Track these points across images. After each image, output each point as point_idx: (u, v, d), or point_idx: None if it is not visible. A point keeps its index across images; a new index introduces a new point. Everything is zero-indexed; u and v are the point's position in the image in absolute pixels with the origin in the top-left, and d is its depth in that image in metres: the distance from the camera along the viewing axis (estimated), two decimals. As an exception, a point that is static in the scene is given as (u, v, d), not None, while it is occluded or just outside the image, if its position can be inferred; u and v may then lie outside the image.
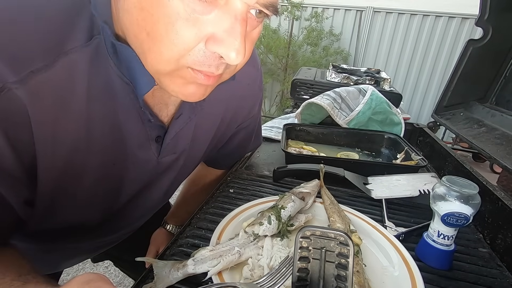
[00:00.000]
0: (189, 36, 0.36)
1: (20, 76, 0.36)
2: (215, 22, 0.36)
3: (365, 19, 3.95)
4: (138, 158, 0.53)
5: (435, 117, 1.26)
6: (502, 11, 1.05)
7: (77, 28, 0.40)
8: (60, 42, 0.39)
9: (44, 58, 0.37)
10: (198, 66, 0.39)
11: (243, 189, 0.75)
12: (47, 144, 0.41)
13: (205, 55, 0.38)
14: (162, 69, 0.40)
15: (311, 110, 1.18)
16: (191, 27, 0.36)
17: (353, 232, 0.57)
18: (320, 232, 0.37)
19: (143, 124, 0.50)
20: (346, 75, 1.53)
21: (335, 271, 0.37)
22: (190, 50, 0.37)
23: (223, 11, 0.36)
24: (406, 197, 0.73)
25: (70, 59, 0.39)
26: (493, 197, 0.66)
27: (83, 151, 0.45)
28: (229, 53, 0.37)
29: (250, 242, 0.53)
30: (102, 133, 0.46)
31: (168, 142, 0.55)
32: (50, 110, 0.39)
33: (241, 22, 0.37)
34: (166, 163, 0.59)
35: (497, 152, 0.89)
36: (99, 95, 0.43)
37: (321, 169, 0.76)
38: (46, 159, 0.42)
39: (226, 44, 0.37)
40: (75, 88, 0.41)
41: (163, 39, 0.36)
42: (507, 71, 1.14)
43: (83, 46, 0.40)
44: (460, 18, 3.67)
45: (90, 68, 0.41)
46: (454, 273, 0.52)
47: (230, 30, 0.36)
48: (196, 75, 0.40)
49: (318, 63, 3.86)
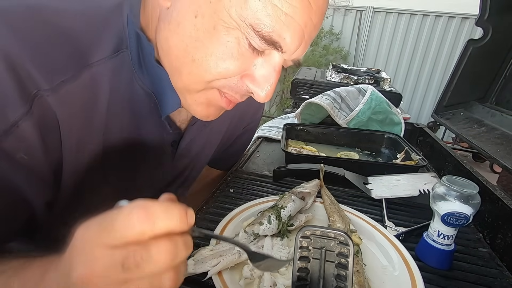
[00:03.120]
0: (234, 70, 0.42)
1: (53, 84, 0.38)
2: (257, 67, 0.43)
3: (365, 19, 3.95)
4: (153, 162, 0.55)
5: (435, 117, 1.26)
6: (502, 11, 1.05)
7: (104, 40, 0.43)
8: (85, 54, 0.41)
9: (72, 69, 0.40)
10: (227, 90, 0.45)
11: (243, 189, 0.75)
12: (72, 151, 0.43)
13: (236, 84, 0.44)
14: (194, 87, 0.44)
15: (311, 110, 1.18)
16: (238, 64, 0.41)
17: (353, 232, 0.57)
18: (320, 232, 0.37)
19: (160, 130, 0.53)
20: (346, 75, 1.53)
21: (335, 271, 0.37)
22: (228, 78, 0.43)
23: (265, 60, 0.43)
24: (406, 197, 0.73)
25: (94, 71, 0.42)
26: (493, 197, 0.66)
27: (101, 156, 0.47)
28: (260, 94, 0.44)
29: (250, 241, 0.53)
30: (119, 139, 0.49)
31: (183, 147, 0.58)
32: (75, 119, 0.42)
33: (277, 73, 0.44)
34: (179, 167, 0.61)
35: (497, 152, 0.89)
36: (119, 104, 0.46)
37: (321, 169, 0.76)
38: (71, 164, 0.44)
39: (261, 86, 0.44)
40: (98, 97, 0.44)
41: (210, 69, 0.41)
42: (507, 71, 1.14)
43: (108, 58, 0.43)
44: (460, 18, 3.66)
45: (113, 80, 0.44)
46: (454, 273, 0.52)
47: (268, 77, 0.44)
48: (220, 99, 0.46)
49: (318, 62, 3.85)
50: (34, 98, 0.37)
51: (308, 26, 0.41)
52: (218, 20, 0.39)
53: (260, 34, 0.39)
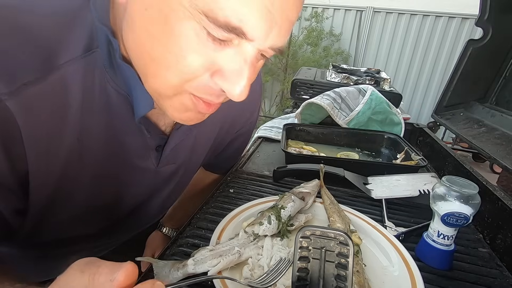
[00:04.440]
0: (198, 67, 0.37)
1: (12, 88, 0.35)
2: (226, 60, 0.37)
3: (365, 19, 3.94)
4: (136, 167, 0.52)
5: (435, 117, 1.26)
6: (502, 11, 1.05)
7: (74, 39, 0.39)
8: (53, 55, 0.38)
9: (37, 71, 0.37)
10: (200, 93, 0.40)
11: (243, 189, 0.75)
12: (40, 160, 0.40)
13: (208, 85, 0.39)
14: (164, 93, 0.40)
15: (311, 110, 1.18)
16: (201, 59, 0.36)
17: (353, 232, 0.57)
18: (320, 232, 0.37)
19: (141, 134, 0.49)
20: (346, 75, 1.53)
21: (335, 271, 0.37)
22: (196, 78, 0.38)
23: (235, 52, 0.37)
24: (406, 197, 0.73)
25: (63, 72, 0.39)
26: (493, 197, 0.66)
27: (76, 164, 0.44)
28: (232, 91, 0.38)
29: (250, 242, 0.53)
30: (96, 145, 0.45)
31: (168, 152, 0.55)
32: (44, 125, 0.39)
33: (250, 65, 0.38)
34: (165, 173, 0.58)
35: (497, 152, 0.89)
36: (94, 107, 0.43)
37: (321, 169, 0.75)
38: (39, 175, 0.41)
39: (232, 83, 0.38)
40: (69, 101, 0.40)
41: (171, 67, 0.37)
42: (507, 71, 1.14)
43: (79, 58, 0.40)
44: (460, 18, 3.66)
45: (85, 81, 0.41)
46: (454, 273, 0.52)
47: (239, 72, 0.38)
48: (197, 103, 0.41)
49: (318, 63, 3.86)
50: None
51: (276, 5, 0.34)
52: (169, 11, 0.34)
53: (215, 21, 0.33)
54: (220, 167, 0.86)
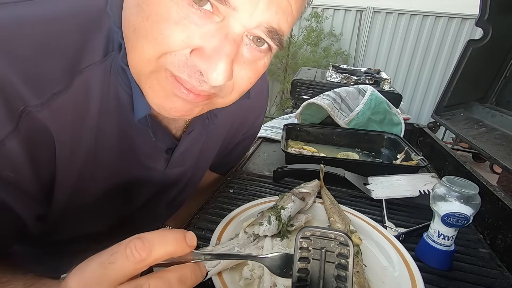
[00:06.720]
0: (175, 39, 0.34)
1: (43, 99, 0.37)
2: (206, 36, 0.34)
3: (365, 19, 3.95)
4: (145, 168, 0.54)
5: (435, 117, 1.26)
6: (502, 12, 1.05)
7: (93, 45, 0.41)
8: (76, 61, 0.39)
9: (63, 79, 0.38)
10: (177, 71, 0.37)
11: (243, 189, 0.75)
12: (65, 161, 0.42)
13: (186, 62, 0.36)
14: (142, 70, 0.39)
15: (311, 110, 1.18)
16: (179, 31, 0.34)
17: (353, 233, 0.57)
18: (320, 233, 0.37)
19: (150, 137, 0.50)
20: (346, 75, 1.53)
21: (335, 272, 0.36)
22: (173, 52, 0.36)
23: (217, 28, 0.34)
24: (406, 197, 0.73)
25: (85, 77, 0.40)
26: (493, 197, 0.66)
27: (91, 165, 0.46)
28: (209, 73, 0.35)
29: (250, 242, 0.52)
30: (110, 145, 0.47)
31: (177, 155, 0.56)
32: (69, 128, 0.40)
33: (231, 43, 0.35)
34: (173, 175, 0.59)
35: (497, 152, 0.89)
36: (108, 109, 0.44)
37: (321, 169, 0.75)
38: (63, 175, 0.43)
39: (210, 62, 0.35)
40: (90, 104, 0.42)
41: (147, 35, 0.35)
42: (507, 71, 1.14)
43: (98, 63, 0.41)
44: (460, 18, 3.66)
45: (103, 84, 0.42)
46: (454, 274, 0.52)
47: (218, 49, 0.34)
48: (176, 85, 0.38)
49: (318, 63, 3.86)
50: (22, 115, 0.36)
51: None
52: None
53: None
54: (222, 168, 0.87)
